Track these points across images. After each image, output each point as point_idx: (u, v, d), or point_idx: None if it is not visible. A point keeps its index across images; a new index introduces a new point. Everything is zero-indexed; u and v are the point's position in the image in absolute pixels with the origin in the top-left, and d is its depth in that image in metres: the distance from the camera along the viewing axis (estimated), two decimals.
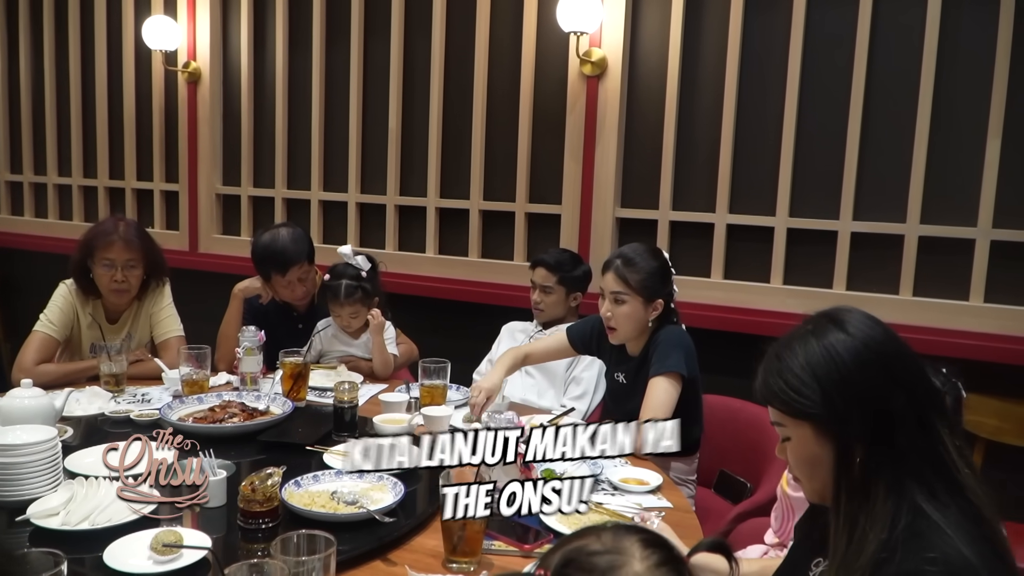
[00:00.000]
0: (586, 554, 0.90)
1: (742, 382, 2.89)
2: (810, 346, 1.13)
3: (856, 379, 1.11)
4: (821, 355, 1.12)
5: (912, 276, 2.91)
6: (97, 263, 2.69)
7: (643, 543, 0.90)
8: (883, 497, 1.08)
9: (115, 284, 2.70)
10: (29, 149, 5.02)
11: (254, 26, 4.15)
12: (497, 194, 3.62)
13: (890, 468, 1.09)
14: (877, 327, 1.15)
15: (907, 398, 1.11)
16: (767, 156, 3.10)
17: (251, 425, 2.16)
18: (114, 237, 2.69)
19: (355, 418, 2.20)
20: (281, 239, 2.88)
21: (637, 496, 1.88)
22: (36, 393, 2.03)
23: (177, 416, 2.21)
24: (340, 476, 1.80)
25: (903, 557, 1.03)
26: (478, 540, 1.53)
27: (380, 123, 3.85)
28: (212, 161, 4.29)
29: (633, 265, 2.32)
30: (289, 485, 1.72)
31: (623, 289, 2.30)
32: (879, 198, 2.96)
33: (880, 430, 1.10)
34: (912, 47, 2.86)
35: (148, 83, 4.49)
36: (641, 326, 2.34)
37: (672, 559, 0.90)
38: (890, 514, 1.07)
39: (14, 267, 5.18)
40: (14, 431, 1.75)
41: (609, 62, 3.26)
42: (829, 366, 1.11)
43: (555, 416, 2.41)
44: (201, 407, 2.31)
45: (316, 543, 1.24)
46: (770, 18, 3.07)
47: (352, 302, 2.79)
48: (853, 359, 1.11)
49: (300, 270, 2.89)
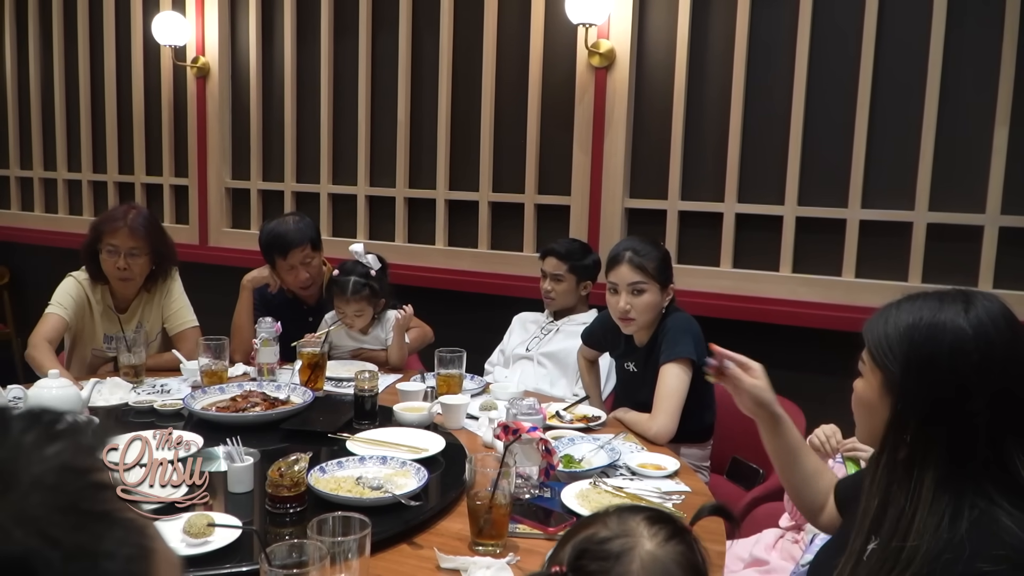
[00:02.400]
0: (596, 542, 0.91)
1: None
2: (926, 311, 1.12)
3: (942, 364, 1.09)
4: (927, 325, 1.11)
5: (921, 263, 2.93)
6: (103, 248, 2.71)
7: (648, 522, 0.92)
8: (930, 486, 1.08)
9: (118, 271, 2.71)
10: (39, 144, 5.04)
11: (262, 20, 4.17)
12: (506, 186, 3.65)
13: (942, 464, 1.08)
14: (999, 327, 1.10)
15: (987, 407, 1.07)
16: (775, 145, 3.12)
17: (273, 414, 2.19)
18: (120, 224, 2.69)
19: (376, 406, 2.23)
20: (286, 224, 2.94)
21: (656, 481, 1.91)
22: (63, 383, 2.09)
23: (200, 406, 2.24)
24: (363, 462, 1.83)
25: (970, 557, 1.01)
26: (504, 523, 1.56)
27: (389, 116, 3.87)
28: (221, 155, 4.31)
29: (645, 254, 2.35)
30: (315, 471, 1.75)
31: (642, 278, 2.32)
32: (888, 186, 2.98)
33: (939, 422, 1.09)
34: (919, 35, 2.87)
35: (157, 78, 4.51)
36: (657, 313, 2.37)
37: (679, 531, 0.93)
38: (944, 510, 1.06)
39: (25, 262, 5.21)
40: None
41: (617, 53, 3.29)
42: (926, 338, 1.11)
43: (569, 404, 2.45)
44: (223, 397, 2.34)
45: (351, 524, 1.27)
46: (778, 7, 3.08)
47: (358, 299, 2.81)
48: (951, 344, 1.09)
49: (302, 253, 2.90)
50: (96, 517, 0.50)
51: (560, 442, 2.07)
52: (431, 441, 2.04)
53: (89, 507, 0.50)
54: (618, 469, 1.97)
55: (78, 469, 0.51)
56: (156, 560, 0.53)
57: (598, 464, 1.95)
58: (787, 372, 2.97)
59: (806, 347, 3.01)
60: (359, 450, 1.95)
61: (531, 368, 2.97)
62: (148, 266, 2.78)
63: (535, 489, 1.79)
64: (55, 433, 0.53)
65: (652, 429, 2.21)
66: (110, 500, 0.52)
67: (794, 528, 2.03)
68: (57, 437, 0.52)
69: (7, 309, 5.19)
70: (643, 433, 2.23)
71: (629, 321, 2.37)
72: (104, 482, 0.52)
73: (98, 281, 2.78)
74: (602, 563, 0.90)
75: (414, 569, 1.46)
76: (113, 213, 2.77)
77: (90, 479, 0.51)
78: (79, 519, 0.49)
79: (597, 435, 2.18)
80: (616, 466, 1.98)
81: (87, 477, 0.51)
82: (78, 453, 0.52)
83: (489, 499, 1.52)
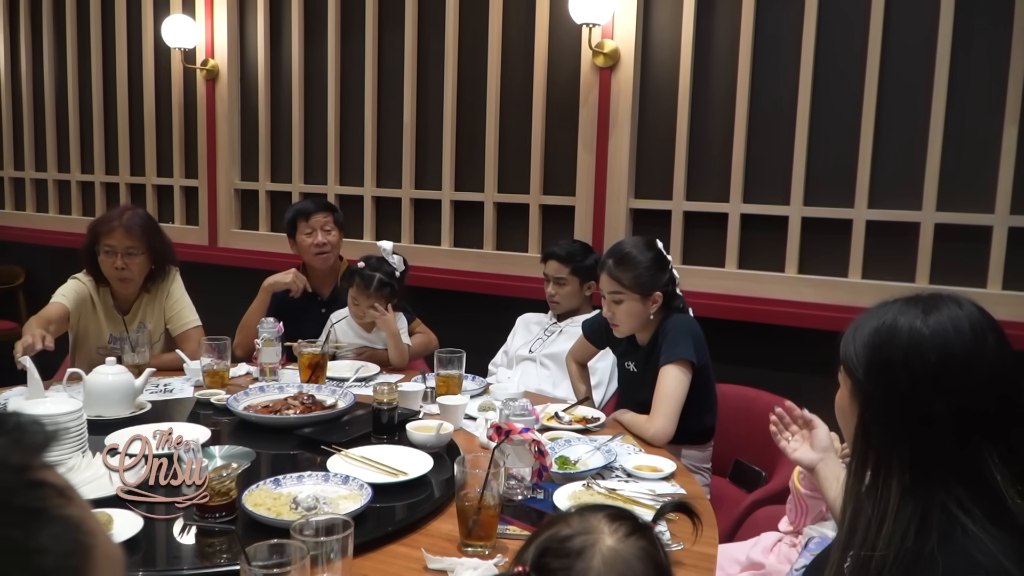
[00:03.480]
0: (558, 540, 0.92)
1: (757, 371, 2.94)
2: (888, 316, 1.12)
3: (898, 367, 1.08)
4: (886, 328, 1.11)
5: (928, 264, 2.90)
6: (100, 250, 2.73)
7: (609, 518, 0.93)
8: (897, 493, 1.06)
9: (116, 271, 2.72)
10: (54, 147, 5.10)
11: (270, 23, 4.20)
12: (511, 186, 3.65)
13: (907, 469, 1.07)
14: (961, 331, 1.07)
15: (950, 411, 1.06)
16: (781, 145, 3.10)
17: (298, 418, 2.16)
18: (115, 224, 2.71)
19: (394, 420, 2.12)
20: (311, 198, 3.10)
21: (651, 483, 1.90)
22: (119, 370, 2.21)
23: (244, 405, 2.25)
24: (301, 480, 1.71)
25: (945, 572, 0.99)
26: (493, 524, 1.55)
27: (395, 117, 3.88)
28: (230, 157, 4.34)
29: (625, 263, 2.33)
30: (267, 483, 1.68)
31: (617, 288, 2.32)
32: (894, 186, 2.95)
33: (901, 426, 1.08)
34: (926, 33, 2.85)
35: (168, 81, 4.55)
36: (643, 320, 2.36)
37: (639, 527, 0.93)
38: (911, 518, 1.04)
39: (39, 262, 5.26)
40: (43, 403, 1.93)
41: (621, 53, 3.28)
42: (883, 341, 1.10)
43: (570, 405, 2.44)
44: (270, 397, 2.33)
45: (334, 525, 1.28)
46: (783, 5, 3.06)
47: (378, 296, 2.82)
48: (907, 347, 1.08)
49: (324, 219, 3.04)
50: (29, 513, 0.51)
51: (557, 443, 2.06)
52: (421, 464, 1.87)
53: (22, 503, 0.51)
54: (614, 471, 1.96)
55: (12, 466, 0.52)
56: (94, 556, 0.53)
57: (593, 466, 1.94)
58: (791, 373, 2.97)
59: (811, 349, 2.97)
60: (339, 468, 1.83)
61: (534, 369, 2.96)
62: (147, 265, 2.79)
63: (528, 490, 1.79)
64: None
65: (650, 431, 2.20)
66: (46, 497, 0.52)
67: (793, 532, 2.01)
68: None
69: (22, 309, 5.24)
70: (641, 435, 2.22)
71: (615, 326, 2.39)
72: (42, 480, 0.53)
73: (99, 283, 2.81)
74: (564, 560, 0.90)
75: (401, 569, 1.46)
76: (109, 214, 2.80)
77: (25, 477, 0.52)
78: (11, 515, 0.50)
79: (595, 437, 2.17)
80: (612, 468, 1.97)
81: (22, 475, 0.52)
82: (15, 451, 0.53)
83: (478, 500, 1.52)
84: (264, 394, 2.36)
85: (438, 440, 2.01)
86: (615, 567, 0.90)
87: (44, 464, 0.54)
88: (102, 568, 0.54)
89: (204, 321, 2.95)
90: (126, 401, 2.21)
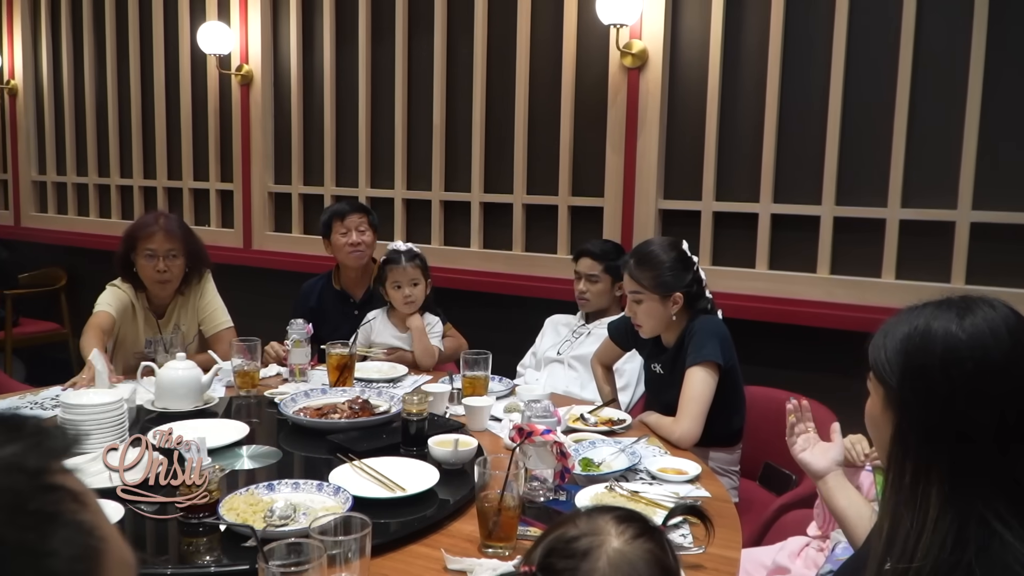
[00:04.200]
0: (564, 541, 0.92)
1: (788, 373, 2.90)
2: (920, 320, 1.08)
3: (935, 373, 1.05)
4: (920, 334, 1.07)
5: (964, 264, 2.84)
6: (140, 254, 2.79)
7: (617, 520, 0.93)
8: (936, 504, 1.03)
9: (158, 274, 2.79)
10: (94, 152, 5.22)
11: (303, 28, 4.25)
12: (540, 188, 3.65)
13: (947, 478, 1.03)
14: (998, 334, 1.04)
15: (990, 417, 1.02)
16: (812, 143, 3.06)
17: (333, 423, 2.14)
18: (155, 228, 2.79)
19: (423, 431, 2.03)
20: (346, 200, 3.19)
21: (675, 486, 1.89)
22: (188, 365, 2.30)
23: (301, 406, 2.27)
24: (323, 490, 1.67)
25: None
26: (513, 526, 1.56)
27: (425, 120, 3.91)
28: (264, 160, 4.41)
29: (646, 263, 2.33)
30: (259, 487, 1.65)
31: (637, 289, 2.33)
32: (929, 184, 2.90)
33: (940, 434, 1.05)
34: (960, 28, 2.79)
35: (203, 87, 4.63)
36: (665, 321, 2.35)
37: (648, 530, 0.93)
38: (952, 530, 1.01)
39: (81, 265, 5.39)
40: (88, 394, 2.02)
41: (650, 53, 3.26)
42: (918, 348, 1.07)
43: (596, 407, 2.44)
44: (329, 399, 2.33)
45: (352, 524, 1.29)
46: (813, 4, 3.03)
47: (414, 266, 2.89)
48: (943, 352, 1.05)
49: (360, 219, 3.09)
50: (43, 517, 0.52)
51: (581, 445, 2.06)
52: (426, 480, 1.77)
53: (37, 507, 0.52)
54: (638, 473, 1.96)
55: (28, 470, 0.53)
56: (105, 561, 0.55)
57: (617, 468, 1.94)
58: (823, 376, 2.93)
59: (843, 350, 2.91)
60: (342, 480, 1.76)
61: (562, 371, 2.96)
62: (184, 268, 2.86)
63: (550, 492, 1.79)
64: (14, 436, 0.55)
65: (676, 433, 2.19)
66: (61, 501, 0.53)
67: (820, 537, 1.99)
68: (14, 440, 0.54)
69: (64, 311, 5.37)
70: (667, 437, 2.21)
71: (638, 326, 2.40)
72: (57, 484, 0.54)
73: (137, 289, 2.88)
74: (569, 561, 0.90)
75: (421, 570, 1.47)
76: (145, 220, 2.87)
77: (41, 481, 0.53)
78: (24, 518, 0.51)
79: (620, 439, 2.17)
80: (636, 470, 1.96)
81: (39, 479, 0.53)
82: (32, 455, 0.54)
83: (498, 501, 1.52)
84: (325, 396, 2.36)
85: (455, 456, 1.89)
86: (620, 569, 0.89)
87: (62, 468, 0.55)
88: (113, 573, 0.56)
89: (236, 322, 3.00)
90: (193, 395, 2.29)
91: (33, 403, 2.36)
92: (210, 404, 2.35)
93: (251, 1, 4.33)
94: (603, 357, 2.73)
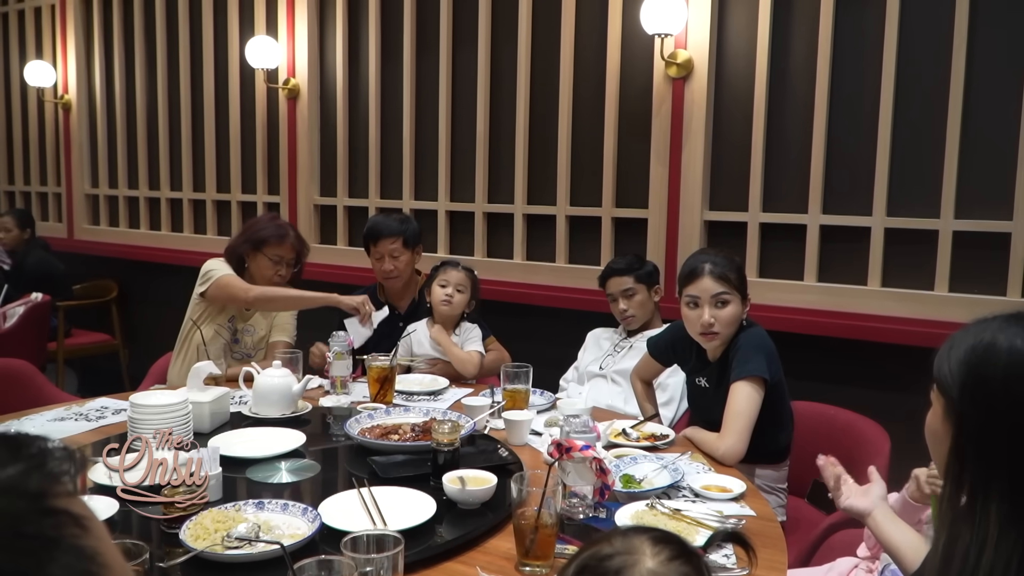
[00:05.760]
0: (598, 559, 0.91)
1: (837, 388, 2.83)
2: (987, 333, 1.07)
3: (996, 385, 1.04)
4: (985, 346, 1.06)
5: (1021, 276, 2.74)
6: (264, 255, 2.94)
7: (653, 541, 0.91)
8: (996, 522, 1.00)
9: (278, 278, 2.95)
10: (145, 166, 5.34)
11: (348, 42, 4.29)
12: (583, 199, 3.62)
13: (1007, 496, 1.01)
14: None
15: None
16: (862, 154, 2.99)
17: (393, 445, 2.05)
18: (289, 238, 2.99)
19: (454, 461, 1.86)
20: (387, 218, 3.12)
21: (718, 504, 1.84)
22: (284, 373, 2.39)
23: (375, 423, 2.22)
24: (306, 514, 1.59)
25: None
26: (551, 544, 1.52)
27: (468, 132, 3.91)
28: (310, 173, 4.45)
29: (725, 265, 2.27)
30: (248, 504, 1.61)
31: (726, 289, 2.24)
32: (983, 194, 2.80)
33: (999, 449, 1.03)
34: (1013, 31, 2.70)
35: (252, 100, 4.71)
36: (738, 327, 2.29)
37: (685, 552, 0.91)
38: (1013, 550, 0.98)
39: (131, 277, 5.50)
40: (156, 394, 2.08)
41: (695, 63, 3.22)
42: (981, 359, 1.06)
43: (639, 422, 2.39)
44: (405, 419, 2.25)
45: (385, 542, 1.27)
46: (863, 11, 2.96)
47: (466, 276, 2.94)
48: (1006, 365, 1.03)
49: (392, 244, 3.04)
50: (42, 542, 0.51)
51: (623, 461, 2.02)
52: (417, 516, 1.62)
53: (34, 531, 0.51)
54: (680, 490, 1.91)
55: (28, 493, 0.52)
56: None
57: (659, 484, 1.89)
58: (875, 391, 2.85)
59: (896, 364, 2.86)
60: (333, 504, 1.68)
61: (605, 386, 2.93)
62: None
63: (589, 509, 1.75)
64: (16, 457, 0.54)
65: (720, 449, 2.14)
66: (61, 526, 0.52)
67: (870, 558, 1.92)
68: (16, 461, 0.53)
69: (115, 322, 5.48)
70: (711, 453, 2.16)
71: (712, 335, 2.27)
72: (59, 508, 0.52)
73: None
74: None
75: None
76: (279, 225, 3.02)
77: (41, 504, 0.52)
78: (22, 542, 0.50)
79: (663, 454, 2.12)
80: (679, 487, 1.91)
81: (39, 502, 0.52)
82: (33, 477, 0.53)
83: (535, 518, 1.49)
84: (406, 414, 2.29)
85: (461, 496, 1.72)
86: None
87: (66, 491, 0.54)
88: None
89: None
90: (285, 402, 2.35)
91: (78, 414, 2.39)
92: (302, 412, 2.40)
93: (298, 16, 4.39)
94: (643, 373, 2.68)
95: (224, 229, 4.95)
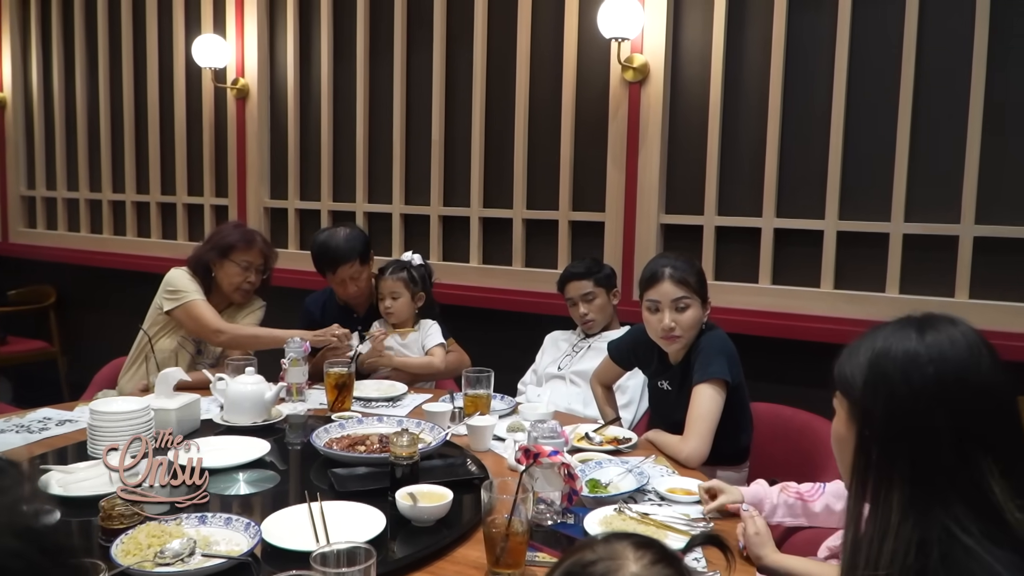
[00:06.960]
0: (582, 566, 0.92)
1: (793, 389, 2.86)
2: (881, 336, 1.14)
3: (896, 377, 1.10)
4: (882, 347, 1.12)
5: (968, 278, 2.81)
6: (233, 261, 2.88)
7: (635, 545, 0.92)
8: (897, 509, 1.07)
9: (248, 284, 2.91)
10: (85, 166, 5.16)
11: (300, 42, 4.22)
12: (540, 203, 3.61)
13: (907, 483, 1.07)
14: (957, 346, 1.10)
15: (948, 421, 1.07)
16: (815, 158, 3.04)
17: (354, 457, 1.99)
18: (256, 243, 2.93)
19: (413, 475, 1.80)
20: (335, 238, 2.98)
21: (684, 507, 1.84)
22: (256, 380, 2.35)
23: (344, 433, 2.15)
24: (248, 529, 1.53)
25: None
26: (521, 551, 1.50)
27: (423, 134, 3.87)
28: (260, 175, 4.36)
29: (685, 269, 2.27)
30: (189, 518, 1.55)
31: (686, 293, 2.24)
32: (932, 198, 2.87)
33: (900, 437, 1.09)
34: (963, 38, 2.77)
35: (198, 100, 4.59)
36: (699, 330, 2.30)
37: (666, 556, 0.92)
38: (914, 536, 1.04)
39: (70, 282, 5.32)
40: (116, 401, 2.07)
41: (651, 68, 3.23)
42: (882, 357, 1.12)
43: (600, 425, 2.39)
44: (374, 429, 2.20)
45: (356, 555, 1.24)
46: (815, 18, 3.01)
47: (395, 280, 2.89)
48: (904, 358, 1.10)
49: (351, 269, 2.96)
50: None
51: (587, 465, 2.01)
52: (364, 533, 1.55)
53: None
54: (646, 494, 1.91)
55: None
56: None
57: (625, 489, 1.89)
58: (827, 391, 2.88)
59: None
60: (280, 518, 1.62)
61: (563, 387, 2.92)
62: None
63: (557, 515, 1.74)
64: None
65: (683, 452, 2.14)
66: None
67: (833, 556, 1.94)
68: None
69: (53, 328, 5.29)
70: (674, 456, 2.16)
71: (673, 339, 2.27)
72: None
73: (202, 287, 2.88)
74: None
75: None
76: (245, 231, 2.96)
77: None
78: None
79: (627, 458, 2.12)
80: (644, 491, 1.91)
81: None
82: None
83: (506, 526, 1.47)
84: (379, 425, 2.24)
85: (412, 513, 1.66)
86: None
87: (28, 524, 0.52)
88: None
89: None
90: (258, 409, 2.31)
91: (19, 426, 2.29)
92: (274, 420, 2.34)
93: (248, 14, 4.29)
94: (603, 377, 2.67)
95: (169, 232, 4.82)
